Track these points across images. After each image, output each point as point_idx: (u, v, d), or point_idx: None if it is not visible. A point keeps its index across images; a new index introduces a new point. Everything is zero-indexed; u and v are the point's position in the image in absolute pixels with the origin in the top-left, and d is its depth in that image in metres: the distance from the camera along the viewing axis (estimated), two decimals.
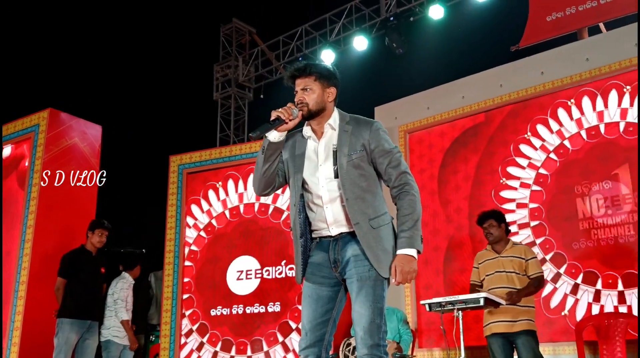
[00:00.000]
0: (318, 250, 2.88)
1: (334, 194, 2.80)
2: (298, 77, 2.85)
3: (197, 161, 7.12)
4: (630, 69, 5.96)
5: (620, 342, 5.23)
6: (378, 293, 2.71)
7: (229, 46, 11.00)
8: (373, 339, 2.67)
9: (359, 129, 2.84)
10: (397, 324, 5.78)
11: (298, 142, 2.92)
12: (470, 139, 6.92)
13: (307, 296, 2.87)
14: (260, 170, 2.88)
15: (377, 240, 2.74)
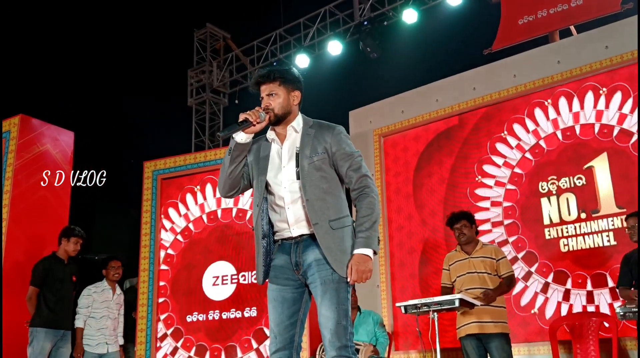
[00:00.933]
0: (280, 253, 2.91)
1: (295, 195, 2.84)
2: (263, 83, 2.91)
3: (171, 166, 7.07)
4: (601, 71, 6.06)
5: (594, 341, 5.29)
6: (342, 296, 2.76)
7: (203, 51, 10.95)
8: (341, 341, 2.72)
9: (322, 133, 2.90)
10: (373, 327, 5.78)
11: (263, 146, 2.97)
12: (444, 142, 6.97)
13: (273, 299, 2.90)
14: (226, 171, 2.92)
15: (336, 241, 2.78)
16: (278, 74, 2.90)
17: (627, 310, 4.08)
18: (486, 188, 6.53)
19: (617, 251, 5.51)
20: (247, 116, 2.78)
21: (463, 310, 4.77)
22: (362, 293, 6.95)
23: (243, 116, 2.79)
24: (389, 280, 6.98)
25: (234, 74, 10.75)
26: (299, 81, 2.97)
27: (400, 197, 7.18)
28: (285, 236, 2.89)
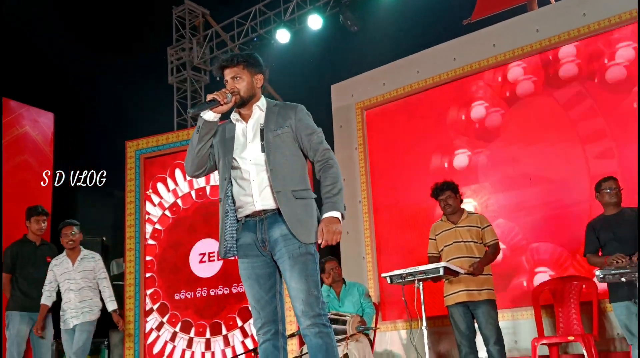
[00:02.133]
0: (245, 232, 2.97)
1: (261, 167, 2.93)
2: (227, 68, 3.01)
3: (154, 145, 7.05)
4: (579, 38, 6.09)
5: (575, 304, 5.41)
6: (311, 267, 2.86)
7: (182, 28, 10.82)
8: (314, 310, 2.79)
9: (285, 110, 3.03)
10: (359, 298, 5.83)
11: (227, 127, 3.07)
12: (426, 112, 7.01)
13: (247, 277, 2.97)
14: (194, 149, 3.00)
15: (298, 210, 2.88)
16: (241, 59, 3.00)
17: (607, 272, 4.16)
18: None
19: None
20: (215, 96, 2.88)
21: (449, 278, 4.84)
22: (348, 265, 7.03)
23: (211, 96, 2.89)
24: (374, 251, 7.05)
25: (214, 50, 10.65)
26: (262, 64, 3.08)
27: (384, 169, 7.23)
28: (249, 211, 2.94)
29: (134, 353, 6.37)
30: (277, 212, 2.90)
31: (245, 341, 6.06)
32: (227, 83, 2.99)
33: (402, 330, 6.61)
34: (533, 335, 5.44)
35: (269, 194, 2.91)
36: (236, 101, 2.96)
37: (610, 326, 5.50)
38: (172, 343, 6.35)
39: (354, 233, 7.21)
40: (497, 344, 4.78)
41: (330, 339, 2.82)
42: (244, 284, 2.98)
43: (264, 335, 2.94)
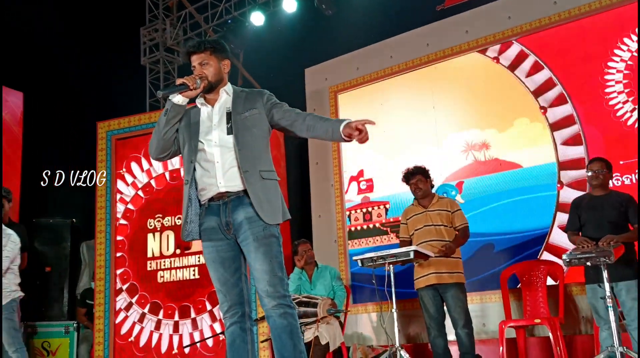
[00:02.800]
0: (209, 215, 2.98)
1: (226, 149, 2.95)
2: (194, 54, 3.03)
3: (126, 126, 6.96)
4: (550, 26, 6.18)
5: (542, 288, 5.51)
6: (275, 249, 2.88)
7: (156, 8, 10.67)
8: (278, 291, 2.82)
9: (253, 95, 3.08)
10: (330, 281, 5.89)
11: (193, 112, 3.08)
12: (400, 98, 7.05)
13: (212, 261, 2.98)
14: (160, 132, 3.02)
15: (265, 190, 2.91)
16: (209, 44, 3.04)
17: (573, 256, 4.22)
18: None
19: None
20: (185, 81, 2.89)
21: (419, 261, 4.90)
22: (320, 248, 7.07)
23: (181, 81, 2.89)
24: (346, 234, 7.11)
25: (187, 32, 10.52)
26: (227, 50, 3.13)
27: (357, 153, 7.26)
28: (212, 193, 2.95)
29: (104, 336, 6.34)
30: (241, 194, 2.91)
31: (214, 325, 6.06)
32: (195, 69, 3.01)
33: (372, 313, 6.69)
34: (501, 318, 5.55)
35: (234, 175, 2.92)
36: (204, 86, 2.97)
37: (576, 309, 5.64)
38: (140, 325, 6.33)
39: (327, 216, 7.25)
40: (466, 327, 4.85)
41: (295, 320, 2.85)
42: (208, 268, 2.99)
43: (230, 318, 2.95)
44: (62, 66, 8.64)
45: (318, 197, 7.47)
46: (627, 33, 5.79)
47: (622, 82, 5.77)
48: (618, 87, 5.78)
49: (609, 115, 5.78)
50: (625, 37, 5.80)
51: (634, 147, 5.60)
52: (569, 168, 5.89)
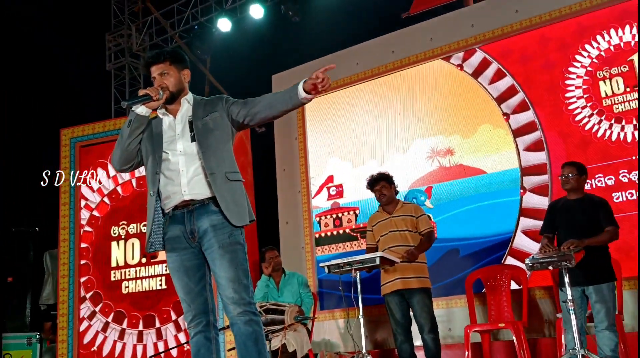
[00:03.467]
0: (173, 224, 2.97)
1: (191, 157, 2.95)
2: (153, 64, 3.04)
3: (90, 133, 6.87)
4: (512, 34, 6.29)
5: (506, 292, 5.59)
6: (241, 256, 2.88)
7: (121, 14, 10.59)
8: (244, 298, 2.81)
9: (213, 101, 3.09)
10: (298, 288, 5.88)
11: (155, 123, 3.06)
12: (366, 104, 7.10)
13: (176, 270, 2.96)
14: (124, 143, 2.98)
15: (231, 191, 2.91)
16: (168, 55, 3.04)
17: (535, 260, 4.26)
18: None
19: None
20: (148, 92, 2.88)
21: (385, 267, 4.91)
22: (287, 255, 7.06)
23: (143, 92, 2.89)
24: (313, 241, 7.11)
25: (154, 37, 10.45)
26: (187, 60, 3.12)
27: (324, 158, 7.29)
28: (177, 202, 2.93)
29: (67, 347, 6.23)
30: (206, 202, 2.91)
31: (179, 335, 6.00)
32: (155, 79, 3.01)
33: (339, 319, 6.70)
34: (466, 322, 5.60)
35: (199, 183, 2.91)
36: (167, 97, 2.97)
37: (540, 313, 5.72)
38: (104, 334, 6.23)
39: (294, 223, 7.25)
40: (432, 332, 4.87)
41: (259, 327, 2.84)
42: (172, 277, 2.97)
43: (195, 327, 2.93)
44: (24, 71, 8.51)
45: (285, 204, 7.47)
46: (587, 40, 5.92)
47: (582, 87, 5.89)
48: (578, 92, 5.91)
49: (570, 121, 5.90)
50: (586, 44, 5.93)
51: (593, 152, 5.72)
52: (531, 173, 5.99)
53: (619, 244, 4.96)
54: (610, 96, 5.76)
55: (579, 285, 4.32)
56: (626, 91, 5.70)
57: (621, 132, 5.66)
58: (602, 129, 5.74)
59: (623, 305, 5.07)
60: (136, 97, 2.91)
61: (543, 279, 5.58)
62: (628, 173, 5.57)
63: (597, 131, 5.76)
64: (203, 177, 2.91)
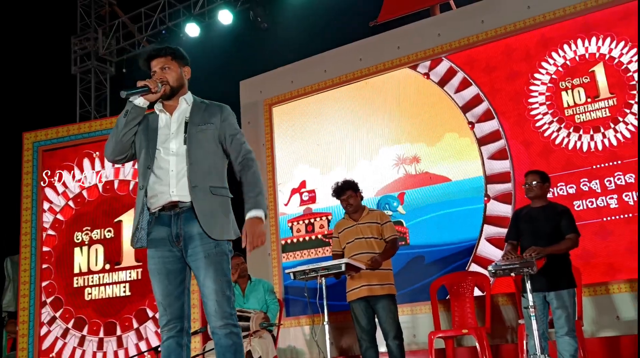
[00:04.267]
0: (158, 226, 2.93)
1: (181, 159, 2.91)
2: (154, 58, 3.00)
3: (53, 137, 6.77)
4: (478, 44, 6.39)
5: (470, 299, 5.65)
6: (225, 267, 2.86)
7: (88, 17, 10.46)
8: (225, 310, 2.81)
9: (213, 108, 3.03)
10: (264, 294, 5.85)
11: (151, 118, 3.03)
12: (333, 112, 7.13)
13: (157, 273, 2.92)
14: (119, 133, 2.95)
15: (213, 205, 2.87)
16: (170, 50, 3.02)
17: (497, 267, 4.31)
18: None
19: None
20: (147, 83, 2.85)
21: (351, 274, 4.92)
22: (254, 262, 7.03)
23: (142, 83, 2.86)
24: (279, 247, 7.10)
25: (120, 41, 10.36)
26: (188, 58, 3.09)
27: (291, 165, 7.29)
28: (164, 202, 2.89)
29: (27, 355, 6.10)
30: (193, 207, 2.87)
31: (140, 344, 5.92)
32: (155, 74, 2.97)
33: (305, 326, 6.70)
34: (431, 329, 5.64)
35: (186, 186, 2.88)
36: (166, 91, 2.94)
37: (502, 319, 5.80)
38: (63, 340, 6.12)
39: None
40: (397, 338, 4.88)
41: (239, 339, 2.85)
42: (152, 279, 2.92)
43: (168, 331, 2.90)
44: None
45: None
46: (551, 51, 6.05)
47: (545, 96, 6.01)
48: (541, 102, 6.02)
49: (533, 131, 6.00)
50: (548, 57, 6.05)
51: (556, 161, 5.83)
52: (495, 181, 6.08)
53: (580, 252, 5.09)
54: (572, 106, 5.89)
55: (540, 291, 4.39)
56: (587, 101, 5.83)
57: (581, 141, 5.78)
58: (564, 139, 5.86)
59: (583, 311, 5.16)
60: (135, 88, 2.86)
61: (506, 286, 5.66)
62: (589, 181, 5.69)
63: (560, 140, 5.87)
64: (188, 182, 2.89)
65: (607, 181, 5.61)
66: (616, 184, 5.57)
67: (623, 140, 5.61)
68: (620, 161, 5.58)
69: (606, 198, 5.60)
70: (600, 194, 5.62)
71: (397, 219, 6.47)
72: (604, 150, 5.67)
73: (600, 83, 5.80)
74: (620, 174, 5.57)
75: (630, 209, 5.47)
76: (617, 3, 5.80)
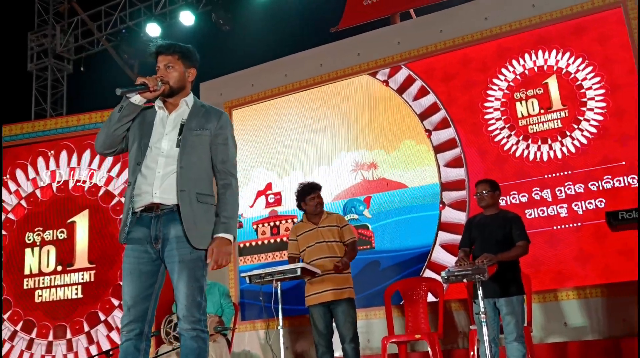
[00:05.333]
0: (138, 226, 2.92)
1: (170, 161, 2.91)
2: (162, 54, 2.97)
3: (7, 135, 6.64)
4: (436, 53, 6.49)
5: (423, 304, 5.72)
6: (199, 273, 2.85)
7: (45, 13, 10.26)
8: (194, 315, 2.82)
9: (210, 114, 3.02)
10: (219, 298, 5.83)
11: (149, 112, 3.01)
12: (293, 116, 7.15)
13: (129, 272, 2.90)
14: (111, 127, 2.94)
15: (198, 213, 2.87)
16: (178, 48, 2.99)
17: (450, 273, 4.38)
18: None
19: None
20: (146, 81, 2.84)
21: (309, 279, 4.92)
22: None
23: (142, 80, 2.84)
24: (237, 251, 7.08)
25: (79, 39, 10.19)
26: (197, 60, 3.06)
27: (249, 168, 7.28)
28: (145, 202, 2.88)
29: None
30: (175, 209, 2.86)
31: (91, 347, 5.83)
32: (159, 69, 2.95)
33: (260, 330, 6.68)
34: (384, 333, 5.69)
35: (170, 189, 2.87)
36: (164, 90, 2.92)
37: (455, 324, 5.89)
38: (11, 343, 5.98)
39: None
40: (353, 342, 4.89)
41: (205, 344, 2.87)
42: (124, 278, 2.90)
43: (127, 333, 2.88)
44: None
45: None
46: (506, 62, 6.18)
47: (500, 109, 6.13)
48: (496, 114, 6.14)
49: (488, 140, 6.12)
50: (503, 68, 6.18)
51: (509, 169, 5.96)
52: (450, 189, 6.18)
53: (530, 259, 5.21)
54: (526, 116, 6.02)
55: (491, 298, 4.47)
56: (540, 112, 5.97)
57: (534, 151, 5.92)
58: (518, 148, 5.99)
59: (532, 317, 5.28)
60: (132, 85, 2.83)
61: (459, 292, 5.75)
62: (540, 190, 5.83)
63: (513, 149, 6.00)
64: (176, 184, 2.87)
65: (557, 190, 5.76)
66: (566, 193, 5.72)
67: (574, 150, 5.77)
68: (570, 171, 5.74)
69: (557, 207, 5.74)
70: (551, 203, 5.77)
71: (363, 223, 6.51)
72: (556, 160, 5.82)
73: (553, 95, 5.96)
74: (571, 184, 5.72)
75: (579, 219, 5.63)
76: (570, 18, 5.96)
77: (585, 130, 5.76)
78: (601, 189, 5.59)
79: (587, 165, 5.68)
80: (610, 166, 5.60)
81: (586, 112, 5.78)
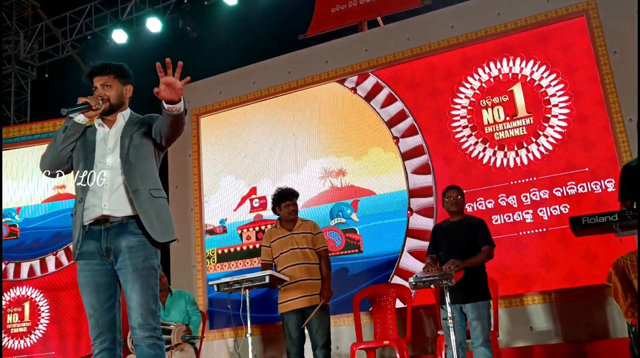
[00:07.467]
0: (88, 239, 2.97)
1: (115, 173, 2.99)
2: (97, 75, 3.10)
3: None
4: (404, 61, 6.55)
5: (391, 310, 5.74)
6: (152, 281, 2.94)
7: (9, 19, 10.09)
8: (150, 323, 2.89)
9: (145, 118, 3.15)
10: (185, 306, 5.77)
11: (89, 132, 3.11)
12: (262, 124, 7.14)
13: (86, 286, 2.96)
14: (57, 148, 3.02)
15: (155, 207, 2.98)
16: (113, 68, 3.11)
17: (418, 279, 4.39)
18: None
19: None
20: (88, 100, 2.94)
21: (277, 285, 4.89)
22: (178, 274, 6.94)
23: (83, 100, 2.94)
24: (204, 259, 7.02)
25: (43, 45, 10.04)
26: (131, 76, 3.20)
27: (217, 176, 7.24)
28: (95, 215, 2.94)
29: None
30: (125, 221, 2.93)
31: None
32: (97, 89, 3.07)
33: (229, 339, 6.63)
34: (353, 340, 5.69)
35: (120, 199, 2.95)
36: (105, 108, 3.02)
37: (423, 330, 5.91)
38: None
39: (185, 241, 7.12)
40: (324, 348, 4.86)
41: (162, 351, 2.91)
42: (81, 292, 2.96)
43: (100, 344, 2.93)
44: None
45: (177, 221, 7.16)
46: (472, 70, 6.26)
47: (467, 117, 6.20)
48: (462, 122, 6.21)
49: (455, 147, 6.19)
50: (469, 76, 6.26)
51: (476, 176, 6.03)
52: (418, 195, 6.22)
53: (496, 264, 5.27)
54: (492, 123, 6.10)
55: (458, 303, 4.51)
56: (506, 119, 6.06)
57: (501, 158, 6.00)
58: (484, 155, 6.06)
59: (498, 322, 5.33)
60: (75, 105, 2.93)
61: (426, 298, 5.79)
62: (506, 196, 5.90)
63: (480, 156, 6.07)
64: (125, 194, 2.95)
65: (523, 196, 5.84)
66: (532, 199, 5.81)
67: (540, 156, 5.86)
68: (535, 177, 5.82)
69: (522, 213, 5.82)
70: (517, 209, 5.84)
71: (350, 227, 6.50)
72: (521, 166, 5.91)
73: (518, 102, 6.05)
74: (536, 190, 5.81)
75: (544, 224, 5.71)
76: (534, 26, 6.07)
77: (550, 136, 5.85)
78: (565, 195, 5.69)
79: (552, 171, 5.78)
80: (574, 173, 5.70)
81: (551, 119, 5.88)
